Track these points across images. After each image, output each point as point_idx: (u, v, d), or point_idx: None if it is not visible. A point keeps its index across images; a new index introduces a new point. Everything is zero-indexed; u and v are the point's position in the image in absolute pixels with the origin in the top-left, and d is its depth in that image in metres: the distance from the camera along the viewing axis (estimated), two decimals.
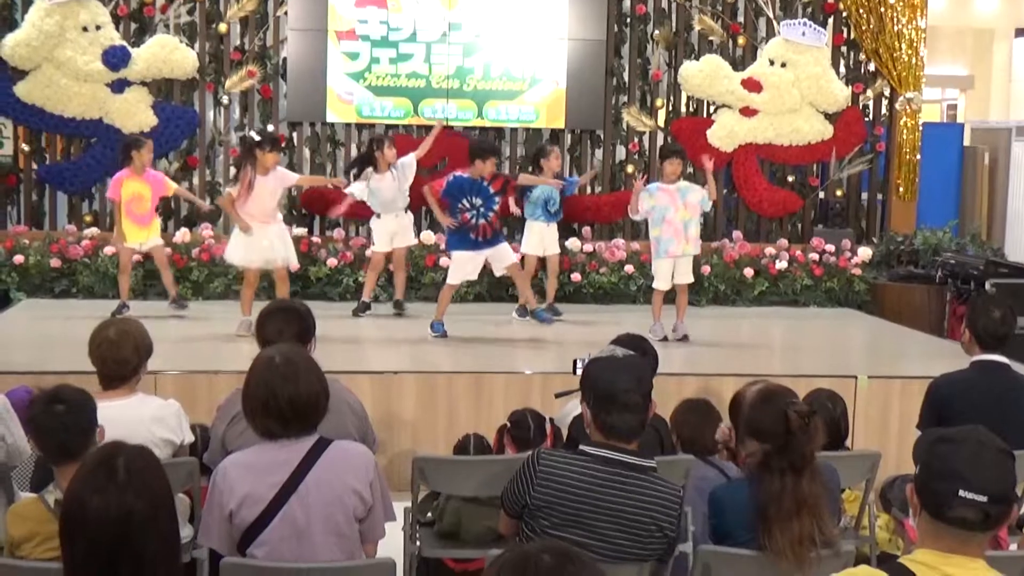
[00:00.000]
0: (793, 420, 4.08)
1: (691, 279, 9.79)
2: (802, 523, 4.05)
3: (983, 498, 2.91)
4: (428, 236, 11.78)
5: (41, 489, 4.15)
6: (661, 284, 9.70)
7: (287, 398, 3.89)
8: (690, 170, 11.71)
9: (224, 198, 9.83)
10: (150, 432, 4.82)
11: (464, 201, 9.38)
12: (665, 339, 9.57)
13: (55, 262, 11.34)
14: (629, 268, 11.90)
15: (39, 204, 12.19)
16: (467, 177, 9.47)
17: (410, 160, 10.45)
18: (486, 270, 10.07)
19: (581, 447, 4.06)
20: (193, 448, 5.26)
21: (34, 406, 4.23)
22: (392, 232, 10.51)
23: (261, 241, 9.43)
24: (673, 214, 9.44)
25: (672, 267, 9.62)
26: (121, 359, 4.93)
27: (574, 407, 4.32)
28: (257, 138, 9.60)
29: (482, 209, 9.39)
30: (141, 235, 10.24)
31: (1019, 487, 5.87)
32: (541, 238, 10.76)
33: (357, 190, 10.32)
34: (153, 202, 10.31)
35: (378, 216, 10.49)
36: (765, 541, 4.07)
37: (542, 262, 10.95)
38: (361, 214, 10.89)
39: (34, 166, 12.11)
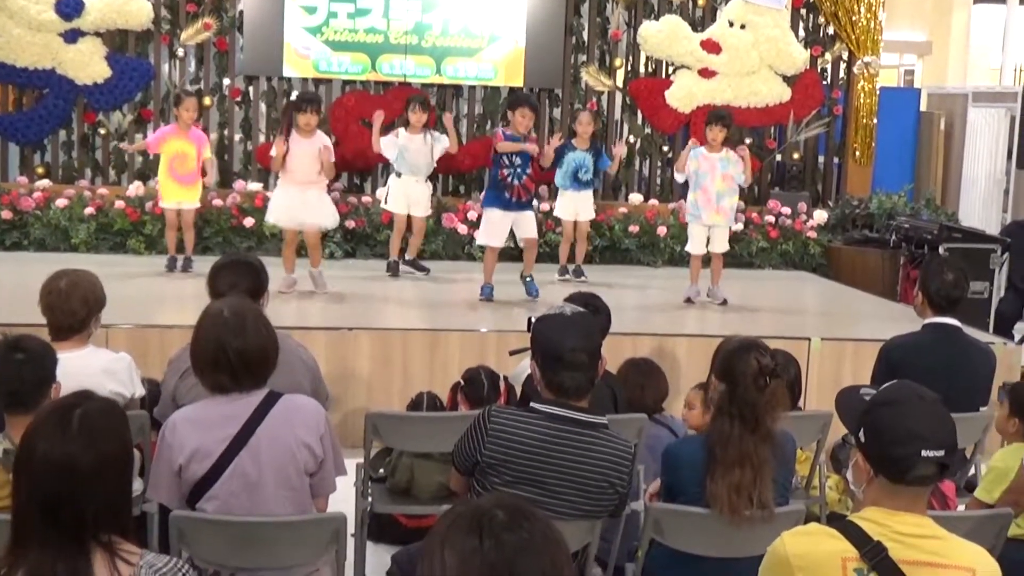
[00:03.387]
0: (751, 366, 4.12)
1: (726, 247, 9.74)
2: (743, 475, 4.09)
3: (941, 452, 2.96)
4: (383, 193, 11.72)
5: None
6: (695, 248, 9.70)
7: (236, 351, 3.86)
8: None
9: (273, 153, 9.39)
10: (100, 385, 4.76)
11: (505, 159, 9.23)
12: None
13: (6, 214, 11.20)
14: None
15: None
16: (510, 134, 9.35)
17: (445, 140, 10.35)
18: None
19: (532, 404, 4.06)
20: (144, 402, 5.22)
21: None
22: (410, 197, 10.34)
23: (296, 203, 9.20)
24: (709, 182, 9.42)
25: (705, 233, 9.59)
26: (69, 310, 4.90)
27: (528, 364, 4.31)
28: (293, 98, 9.42)
29: (519, 170, 9.21)
30: (181, 194, 10.07)
31: (968, 448, 5.98)
32: (574, 204, 10.54)
33: (386, 145, 10.22)
34: (198, 162, 10.10)
35: (398, 175, 10.35)
36: (709, 485, 4.12)
37: (575, 225, 10.70)
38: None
39: None
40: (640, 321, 8.97)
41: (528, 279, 9.49)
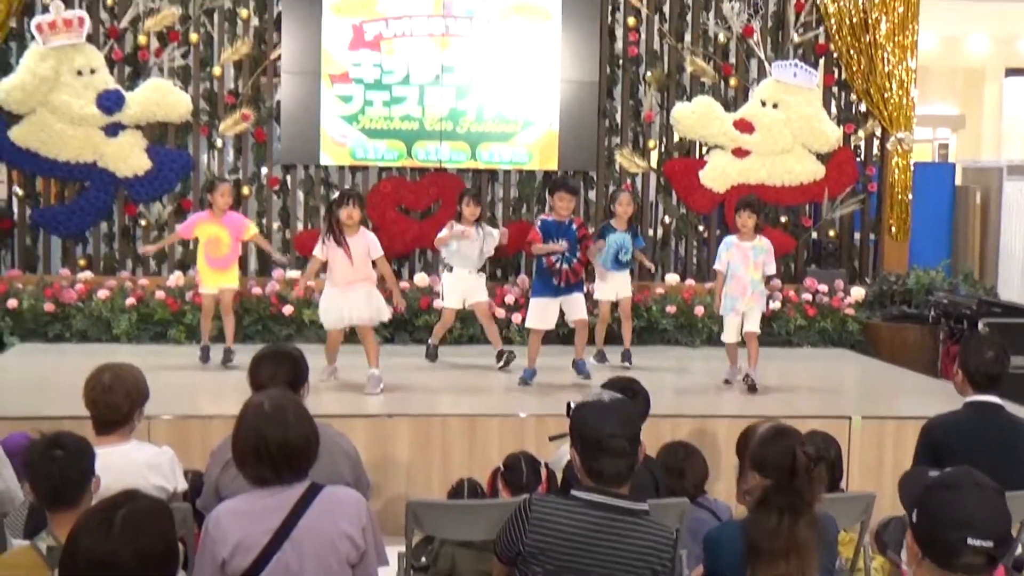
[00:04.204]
0: (800, 460, 4.07)
1: (758, 327, 9.49)
2: (789, 565, 4.04)
3: (990, 543, 2.93)
4: (422, 278, 11.80)
5: (35, 536, 4.13)
6: (729, 337, 9.62)
7: (277, 444, 3.88)
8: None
9: (312, 264, 9.42)
10: (144, 479, 4.80)
11: (551, 244, 9.27)
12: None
13: (49, 306, 11.32)
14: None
15: (33, 248, 12.19)
16: (552, 220, 9.40)
17: (495, 234, 10.44)
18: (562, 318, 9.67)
19: (572, 492, 4.05)
20: (186, 494, 5.24)
21: (32, 450, 4.24)
22: (464, 289, 10.30)
23: (341, 304, 9.02)
24: (743, 272, 9.36)
25: (739, 321, 9.48)
26: (113, 404, 4.93)
27: (568, 450, 4.31)
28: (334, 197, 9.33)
29: (567, 254, 9.26)
30: (218, 279, 10.07)
31: (1015, 527, 5.91)
32: (613, 285, 10.45)
33: (443, 240, 10.23)
34: (233, 247, 10.13)
35: (450, 270, 10.35)
36: None
37: (615, 306, 10.59)
38: None
39: (28, 210, 12.13)
40: (679, 403, 8.95)
41: (580, 362, 9.46)
